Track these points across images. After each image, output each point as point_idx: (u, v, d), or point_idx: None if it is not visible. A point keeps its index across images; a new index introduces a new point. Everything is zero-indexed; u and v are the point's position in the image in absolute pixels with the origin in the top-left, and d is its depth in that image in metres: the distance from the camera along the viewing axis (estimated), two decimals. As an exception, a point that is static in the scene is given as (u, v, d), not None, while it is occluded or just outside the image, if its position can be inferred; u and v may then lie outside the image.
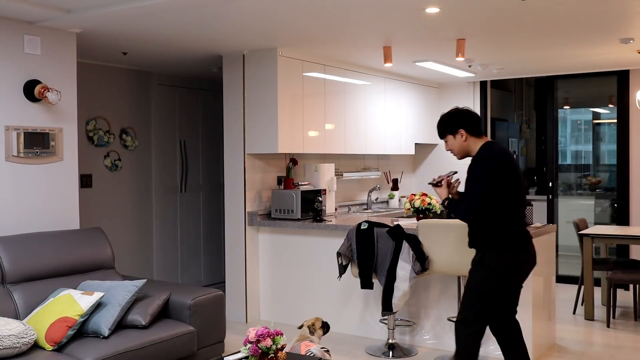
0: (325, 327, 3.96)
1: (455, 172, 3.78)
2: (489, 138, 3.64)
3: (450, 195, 3.69)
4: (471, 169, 3.48)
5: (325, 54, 5.74)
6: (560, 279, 6.32)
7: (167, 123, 6.64)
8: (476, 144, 3.56)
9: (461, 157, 3.65)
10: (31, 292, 3.83)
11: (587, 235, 5.64)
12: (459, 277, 4.45)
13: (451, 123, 3.61)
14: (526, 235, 3.58)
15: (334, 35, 4.91)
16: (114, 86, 6.16)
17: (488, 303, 3.56)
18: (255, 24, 4.48)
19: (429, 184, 3.82)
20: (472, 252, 4.18)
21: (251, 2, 3.88)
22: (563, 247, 7.22)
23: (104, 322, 3.60)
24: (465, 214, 3.56)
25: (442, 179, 3.71)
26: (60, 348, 3.47)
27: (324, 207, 5.61)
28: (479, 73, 6.83)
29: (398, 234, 4.45)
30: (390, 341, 4.75)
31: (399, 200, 7.07)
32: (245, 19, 4.32)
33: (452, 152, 3.68)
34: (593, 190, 7.67)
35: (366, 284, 4.57)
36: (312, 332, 3.91)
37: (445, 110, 3.76)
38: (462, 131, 3.56)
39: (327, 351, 3.69)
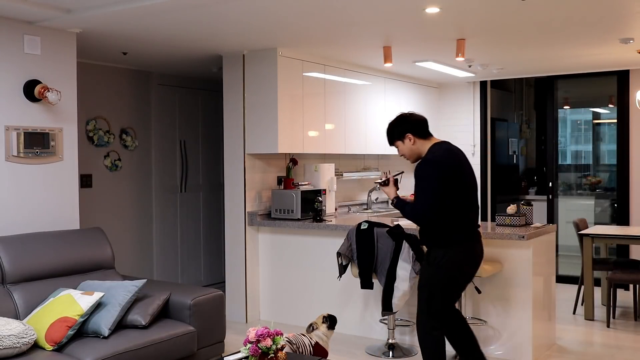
0: (328, 320, 3.93)
1: (402, 173, 3.93)
2: (438, 138, 3.73)
3: (398, 194, 3.78)
4: (418, 170, 3.56)
5: (325, 54, 5.74)
6: (560, 279, 6.31)
7: (167, 123, 6.64)
8: (425, 146, 3.65)
9: (414, 160, 3.74)
10: (31, 292, 3.83)
11: (587, 235, 5.64)
12: (459, 277, 4.45)
13: (397, 129, 3.71)
14: (473, 233, 3.65)
15: (334, 35, 4.91)
16: (114, 86, 6.16)
17: (438, 298, 3.62)
18: (255, 23, 4.48)
19: (376, 183, 3.96)
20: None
21: (251, 2, 3.88)
22: (563, 247, 7.22)
23: (104, 322, 3.60)
24: (412, 214, 3.63)
25: (389, 179, 3.82)
26: (60, 348, 3.47)
27: (324, 207, 5.61)
28: (479, 73, 6.83)
29: (398, 234, 4.45)
30: (390, 341, 4.75)
31: (399, 200, 7.06)
32: (245, 18, 4.32)
33: (404, 157, 3.77)
34: (593, 190, 7.67)
35: (366, 284, 4.57)
36: (312, 329, 3.89)
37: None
38: (410, 135, 3.66)
39: (290, 342, 3.64)
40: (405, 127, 3.68)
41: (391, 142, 3.78)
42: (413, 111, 3.80)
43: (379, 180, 3.90)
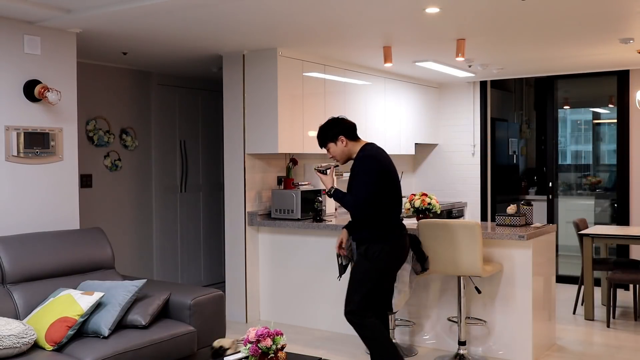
0: None
1: (337, 166, 4.10)
2: (365, 140, 3.95)
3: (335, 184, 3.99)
4: (356, 166, 3.82)
5: (325, 54, 5.74)
6: (560, 279, 6.31)
7: (167, 123, 6.64)
8: (355, 147, 3.89)
9: (344, 162, 3.96)
10: (31, 292, 3.82)
11: (587, 235, 5.64)
12: (459, 277, 4.45)
13: (331, 132, 3.93)
14: (402, 227, 3.90)
15: (334, 35, 4.90)
16: (114, 86, 6.16)
17: (371, 291, 3.81)
18: (255, 23, 4.48)
19: (315, 169, 4.10)
20: (473, 253, 4.21)
21: (251, 2, 3.88)
22: (563, 247, 7.22)
23: (104, 322, 3.60)
24: (354, 204, 3.80)
25: (330, 168, 4.00)
26: (60, 348, 3.47)
27: (323, 207, 5.61)
28: (479, 73, 6.83)
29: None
30: (390, 341, 4.75)
31: (399, 200, 7.06)
32: (246, 18, 4.32)
33: (334, 159, 3.97)
34: (593, 190, 7.67)
35: (366, 284, 4.57)
36: None
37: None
38: (342, 137, 3.89)
39: None
40: (339, 129, 3.90)
41: (324, 143, 3.96)
42: (344, 116, 4.02)
43: (320, 167, 4.04)
